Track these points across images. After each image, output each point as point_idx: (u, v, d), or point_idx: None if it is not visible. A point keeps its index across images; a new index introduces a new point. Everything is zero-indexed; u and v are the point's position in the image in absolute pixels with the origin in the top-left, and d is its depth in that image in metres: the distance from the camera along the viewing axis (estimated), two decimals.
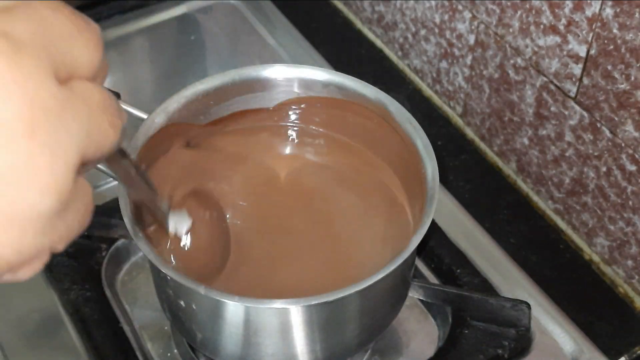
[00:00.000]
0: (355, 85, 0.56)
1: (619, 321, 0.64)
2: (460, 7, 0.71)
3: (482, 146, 0.76)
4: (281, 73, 0.57)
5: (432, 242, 0.65)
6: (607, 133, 0.61)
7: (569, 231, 0.70)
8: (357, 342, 0.54)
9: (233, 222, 0.56)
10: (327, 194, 0.59)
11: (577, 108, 0.63)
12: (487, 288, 0.63)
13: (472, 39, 0.72)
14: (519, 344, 0.59)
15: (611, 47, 0.58)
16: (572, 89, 0.63)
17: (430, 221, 0.48)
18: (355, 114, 0.57)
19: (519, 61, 0.67)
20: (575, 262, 0.68)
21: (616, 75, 0.58)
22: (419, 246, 0.48)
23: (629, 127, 0.59)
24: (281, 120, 0.60)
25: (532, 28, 0.64)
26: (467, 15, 0.71)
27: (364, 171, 0.59)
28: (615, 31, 0.57)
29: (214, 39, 0.89)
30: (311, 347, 0.51)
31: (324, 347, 0.52)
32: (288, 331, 0.50)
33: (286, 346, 0.51)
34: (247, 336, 0.50)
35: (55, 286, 0.62)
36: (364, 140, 0.59)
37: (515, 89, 0.69)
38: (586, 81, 0.61)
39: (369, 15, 0.86)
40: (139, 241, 0.47)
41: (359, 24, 0.88)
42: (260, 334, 0.50)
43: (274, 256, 0.55)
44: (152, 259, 0.46)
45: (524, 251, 0.67)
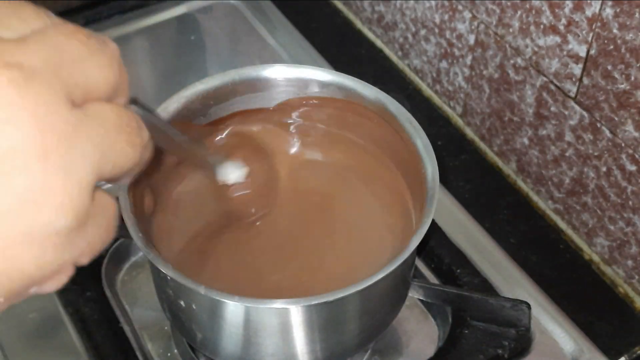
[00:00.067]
0: (355, 85, 0.56)
1: (619, 321, 0.64)
2: (460, 7, 0.71)
3: (482, 146, 0.76)
4: (281, 73, 0.57)
5: (432, 242, 0.65)
6: (607, 133, 0.61)
7: (569, 231, 0.70)
8: (357, 342, 0.54)
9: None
10: (327, 193, 0.59)
11: (577, 108, 0.63)
12: (487, 288, 0.63)
13: (472, 39, 0.72)
14: (519, 344, 0.59)
15: (611, 47, 0.58)
16: (572, 89, 0.63)
17: (430, 221, 0.48)
18: (355, 114, 0.57)
19: (519, 61, 0.67)
20: (575, 262, 0.68)
21: (616, 75, 0.58)
22: (419, 246, 0.48)
23: (629, 127, 0.59)
24: (281, 120, 0.60)
25: (532, 28, 0.64)
26: (467, 15, 0.71)
27: (366, 170, 0.59)
28: (615, 31, 0.57)
29: (214, 39, 0.89)
30: (311, 347, 0.51)
31: (324, 347, 0.52)
32: (288, 331, 0.50)
33: (286, 346, 0.51)
34: (247, 336, 0.50)
35: None
36: (364, 140, 0.59)
37: (515, 89, 0.69)
38: (586, 81, 0.61)
39: (369, 15, 0.86)
40: (139, 241, 0.47)
41: (359, 24, 0.88)
42: (260, 334, 0.50)
43: (274, 255, 0.55)
44: (152, 259, 0.46)
45: (524, 251, 0.67)
